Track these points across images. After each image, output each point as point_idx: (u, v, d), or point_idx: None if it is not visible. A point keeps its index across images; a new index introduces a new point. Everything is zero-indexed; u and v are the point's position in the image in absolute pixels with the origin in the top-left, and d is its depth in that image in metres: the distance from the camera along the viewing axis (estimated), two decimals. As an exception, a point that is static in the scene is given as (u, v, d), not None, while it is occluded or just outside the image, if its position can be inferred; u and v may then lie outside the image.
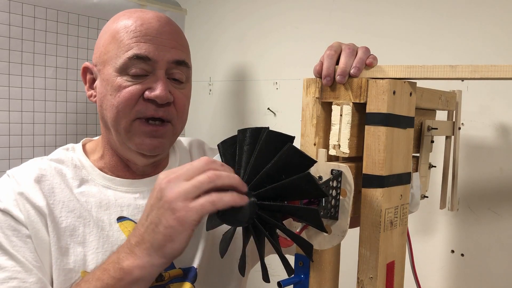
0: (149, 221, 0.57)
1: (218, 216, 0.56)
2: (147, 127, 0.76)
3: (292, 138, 0.55)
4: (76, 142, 0.86)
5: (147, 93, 0.74)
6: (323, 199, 0.58)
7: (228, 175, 0.56)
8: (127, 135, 0.76)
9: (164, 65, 0.75)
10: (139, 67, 0.74)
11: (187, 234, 0.55)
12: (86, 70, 0.82)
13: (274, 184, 0.55)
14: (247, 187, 0.56)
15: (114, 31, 0.76)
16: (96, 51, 0.80)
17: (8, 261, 0.68)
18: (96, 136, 0.88)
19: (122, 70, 0.74)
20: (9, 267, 0.67)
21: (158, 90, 0.73)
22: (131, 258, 0.59)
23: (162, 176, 0.58)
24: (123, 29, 0.75)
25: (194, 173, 0.56)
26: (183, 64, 0.78)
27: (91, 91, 0.81)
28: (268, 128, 0.56)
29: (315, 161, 0.55)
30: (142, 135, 0.76)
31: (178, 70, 0.77)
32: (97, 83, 0.79)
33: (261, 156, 0.56)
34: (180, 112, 0.79)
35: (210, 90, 1.79)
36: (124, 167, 0.82)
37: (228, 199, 0.54)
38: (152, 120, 0.76)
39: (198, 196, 0.55)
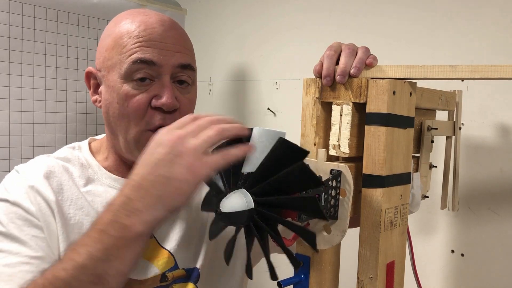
0: (158, 175, 0.56)
1: (221, 218, 0.56)
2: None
3: (283, 133, 0.56)
4: (76, 142, 0.85)
5: (154, 101, 0.74)
6: (323, 198, 0.58)
7: (231, 126, 0.59)
8: (137, 145, 0.75)
9: (169, 70, 0.74)
10: (144, 72, 0.73)
11: (196, 187, 0.56)
12: (89, 75, 0.81)
13: (269, 179, 0.55)
14: (247, 129, 0.59)
15: (117, 36, 0.75)
16: (99, 56, 0.78)
17: (20, 247, 0.67)
18: (96, 136, 0.87)
19: (127, 76, 0.73)
20: (22, 252, 0.67)
21: (164, 98, 0.73)
22: (133, 214, 0.57)
23: (166, 131, 0.59)
24: (126, 34, 0.74)
25: (200, 130, 0.58)
26: (189, 67, 0.77)
27: (96, 96, 0.80)
28: (252, 128, 0.58)
29: (308, 152, 0.55)
30: None
31: (184, 73, 0.77)
32: (102, 88, 0.78)
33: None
34: None
35: (210, 90, 1.79)
36: (129, 170, 0.81)
37: (236, 151, 0.57)
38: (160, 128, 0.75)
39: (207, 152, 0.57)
